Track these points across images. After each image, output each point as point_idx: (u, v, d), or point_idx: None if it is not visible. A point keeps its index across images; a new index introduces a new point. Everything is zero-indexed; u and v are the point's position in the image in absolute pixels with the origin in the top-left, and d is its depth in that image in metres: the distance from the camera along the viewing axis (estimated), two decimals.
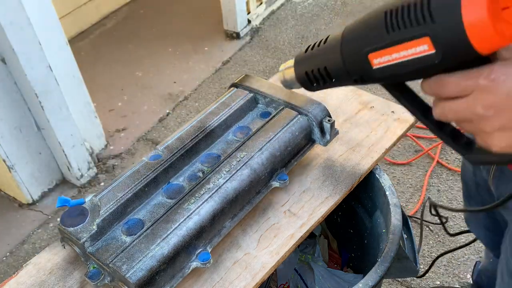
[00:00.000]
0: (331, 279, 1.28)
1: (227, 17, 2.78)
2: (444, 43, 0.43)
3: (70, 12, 2.88)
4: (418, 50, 0.44)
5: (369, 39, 0.49)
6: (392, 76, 0.50)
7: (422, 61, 0.45)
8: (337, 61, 0.54)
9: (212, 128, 0.94)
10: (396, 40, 0.46)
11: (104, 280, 0.77)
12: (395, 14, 0.45)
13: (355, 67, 0.53)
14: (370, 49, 0.49)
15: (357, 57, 0.51)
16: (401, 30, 0.45)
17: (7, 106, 1.77)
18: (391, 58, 0.47)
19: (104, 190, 0.83)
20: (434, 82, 0.47)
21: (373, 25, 0.48)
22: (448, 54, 0.43)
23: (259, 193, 0.88)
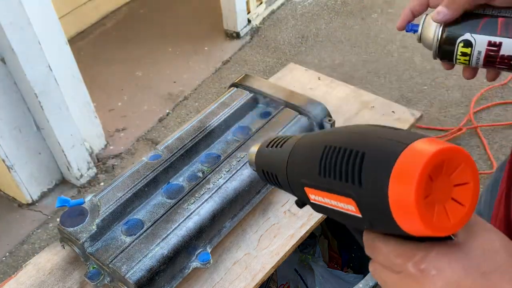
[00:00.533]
0: (331, 279, 1.28)
1: (227, 17, 2.78)
2: (370, 213, 0.36)
3: (69, 12, 2.88)
4: (347, 207, 0.38)
5: (305, 171, 0.43)
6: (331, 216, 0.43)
7: (352, 219, 0.39)
8: (283, 177, 0.48)
9: (212, 128, 0.94)
10: (326, 187, 0.40)
11: (103, 280, 0.76)
12: (330, 156, 0.39)
13: (297, 191, 0.46)
14: (305, 182, 0.43)
15: (297, 183, 0.45)
16: (331, 179, 0.38)
17: (6, 106, 1.77)
18: (324, 201, 0.41)
19: (104, 190, 0.83)
20: (369, 241, 0.40)
21: (311, 157, 0.41)
22: (376, 224, 0.37)
23: (259, 193, 0.88)
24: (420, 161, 0.32)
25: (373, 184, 0.35)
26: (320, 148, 0.40)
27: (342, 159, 0.37)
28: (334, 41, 2.75)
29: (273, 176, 0.50)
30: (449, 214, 0.34)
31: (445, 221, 0.34)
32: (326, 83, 1.18)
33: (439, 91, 2.34)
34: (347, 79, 2.43)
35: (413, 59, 2.56)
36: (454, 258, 0.34)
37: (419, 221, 0.32)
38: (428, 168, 0.32)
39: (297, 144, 0.46)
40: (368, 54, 2.63)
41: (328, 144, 0.39)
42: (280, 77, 1.21)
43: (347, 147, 0.37)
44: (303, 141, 0.45)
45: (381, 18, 2.88)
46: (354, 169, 0.36)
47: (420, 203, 0.32)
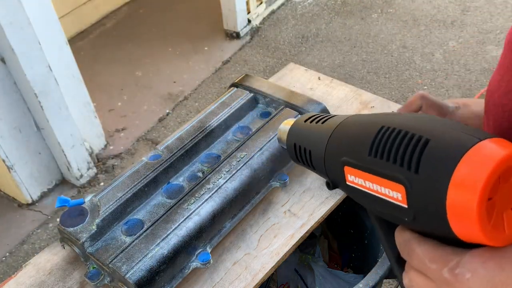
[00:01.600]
0: (332, 279, 1.28)
1: (227, 16, 2.78)
2: (418, 206, 0.34)
3: (69, 12, 2.88)
4: (391, 194, 0.36)
5: (351, 149, 0.40)
6: (364, 204, 0.41)
7: (393, 209, 0.36)
8: (320, 153, 0.45)
9: (212, 128, 0.94)
10: (373, 169, 0.37)
11: (103, 280, 0.76)
12: (387, 136, 0.36)
13: (332, 170, 0.44)
14: (347, 161, 0.40)
15: (335, 161, 0.42)
16: (383, 160, 0.36)
17: (6, 106, 1.77)
18: (365, 184, 0.39)
19: (104, 190, 0.83)
20: (403, 243, 0.38)
21: (362, 135, 0.39)
22: (421, 219, 0.34)
23: (259, 193, 0.88)
24: (490, 162, 0.30)
25: (432, 174, 0.32)
26: (374, 128, 0.38)
27: (401, 141, 0.35)
28: (334, 41, 2.75)
29: (306, 152, 0.48)
30: (505, 224, 0.31)
31: (500, 231, 0.31)
32: (326, 83, 1.18)
33: (439, 91, 2.34)
34: (347, 79, 2.43)
35: (413, 59, 2.56)
36: (487, 257, 0.33)
37: (477, 228, 0.30)
38: (497, 172, 0.30)
39: (345, 121, 0.44)
40: (368, 54, 2.62)
41: (386, 124, 0.37)
42: (280, 77, 1.21)
43: (409, 130, 0.35)
44: (352, 120, 0.43)
45: (381, 18, 2.88)
46: (413, 153, 0.34)
47: (482, 209, 0.30)
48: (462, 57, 2.53)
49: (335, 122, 0.45)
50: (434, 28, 2.74)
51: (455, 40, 2.65)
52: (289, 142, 0.52)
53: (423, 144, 0.33)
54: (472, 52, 2.56)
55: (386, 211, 0.38)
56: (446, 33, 2.70)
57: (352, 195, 0.42)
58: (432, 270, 0.35)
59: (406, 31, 2.75)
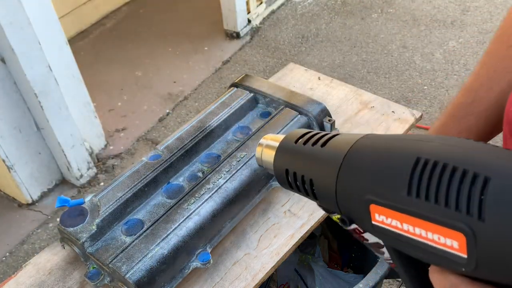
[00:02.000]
0: (332, 279, 1.28)
1: (227, 16, 2.78)
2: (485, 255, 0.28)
3: (69, 12, 2.88)
4: (443, 241, 0.30)
5: (379, 186, 0.33)
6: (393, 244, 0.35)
7: (443, 257, 0.30)
8: (328, 185, 0.37)
9: (212, 128, 0.94)
10: (416, 211, 0.31)
11: (103, 280, 0.76)
12: (429, 172, 0.30)
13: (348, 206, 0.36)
14: (375, 200, 0.33)
15: (355, 197, 0.35)
16: (429, 202, 0.30)
17: (6, 106, 1.77)
18: (401, 227, 0.32)
19: (104, 190, 0.83)
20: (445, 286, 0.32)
21: (393, 168, 0.32)
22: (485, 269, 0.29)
23: (259, 193, 0.88)
24: None
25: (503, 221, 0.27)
26: (409, 159, 0.31)
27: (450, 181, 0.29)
28: (334, 41, 2.75)
29: (305, 181, 0.40)
30: None
31: None
32: (326, 83, 1.18)
33: (439, 91, 2.35)
34: (347, 79, 2.43)
35: (413, 59, 2.56)
36: None
37: None
38: None
39: (358, 146, 0.36)
40: (368, 54, 2.63)
41: (424, 155, 0.31)
42: (280, 77, 1.21)
43: (458, 165, 0.29)
44: (369, 144, 0.36)
45: (381, 18, 2.88)
46: (471, 196, 0.28)
47: None
48: (462, 57, 2.53)
49: (343, 145, 0.37)
50: (434, 28, 2.74)
51: (455, 40, 2.65)
52: (278, 167, 0.43)
53: (482, 183, 0.28)
54: (472, 52, 2.56)
55: (432, 258, 0.32)
56: (446, 33, 2.70)
57: (379, 236, 0.35)
58: None
59: (406, 31, 2.75)
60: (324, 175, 0.38)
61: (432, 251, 0.31)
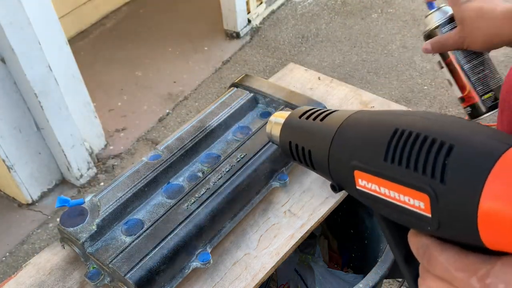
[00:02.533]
0: (331, 279, 1.28)
1: (227, 16, 2.78)
2: (444, 215, 0.32)
3: (69, 12, 2.88)
4: (412, 203, 0.34)
5: (362, 153, 0.37)
6: (376, 208, 0.39)
7: (413, 217, 0.34)
8: (323, 154, 0.42)
9: (212, 128, 0.94)
10: (391, 176, 0.35)
11: (103, 280, 0.76)
12: (404, 141, 0.34)
13: (338, 173, 0.41)
14: (358, 165, 0.38)
15: (343, 164, 0.40)
16: (401, 167, 0.34)
17: (6, 106, 1.77)
18: (379, 190, 0.36)
19: (104, 190, 0.83)
20: (422, 249, 0.36)
21: (374, 138, 0.36)
22: (446, 228, 0.32)
23: (259, 193, 0.88)
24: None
25: (461, 184, 0.30)
26: (388, 130, 0.35)
27: (421, 147, 0.33)
28: (334, 41, 2.75)
29: (305, 152, 0.45)
30: None
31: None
32: (326, 83, 1.18)
33: (439, 91, 2.35)
34: (347, 79, 2.43)
35: (413, 59, 2.56)
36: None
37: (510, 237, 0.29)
38: None
39: (349, 120, 0.41)
40: (368, 54, 2.63)
41: (401, 127, 0.35)
42: (280, 77, 1.21)
43: (428, 134, 0.33)
44: (358, 118, 0.40)
45: (381, 18, 2.88)
46: (436, 161, 0.32)
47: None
48: None
49: (337, 119, 0.42)
50: None
51: None
52: (283, 140, 0.49)
53: (446, 150, 0.31)
54: None
55: (404, 218, 0.36)
56: None
57: (362, 199, 0.39)
58: (459, 279, 0.33)
59: (406, 31, 2.75)
60: (320, 146, 0.42)
61: (404, 212, 0.35)
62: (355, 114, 0.41)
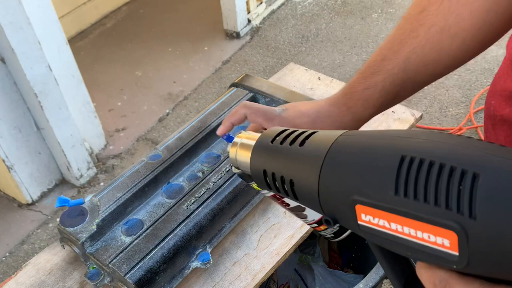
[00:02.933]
0: (332, 279, 1.28)
1: (227, 16, 2.78)
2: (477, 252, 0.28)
3: (69, 12, 2.88)
4: (433, 240, 0.29)
5: (365, 186, 0.32)
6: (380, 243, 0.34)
7: (434, 255, 0.30)
8: (310, 185, 0.36)
9: (212, 128, 0.94)
10: (405, 211, 0.30)
11: (103, 280, 0.76)
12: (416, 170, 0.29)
13: (333, 207, 0.35)
14: (361, 200, 0.32)
15: (339, 198, 0.34)
16: (418, 201, 0.29)
17: (6, 106, 1.77)
18: (389, 226, 0.31)
19: (104, 190, 0.83)
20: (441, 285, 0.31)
21: (378, 168, 0.31)
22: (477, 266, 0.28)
23: (259, 193, 0.88)
24: None
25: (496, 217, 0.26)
26: (393, 158, 0.30)
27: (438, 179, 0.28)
28: (334, 41, 2.75)
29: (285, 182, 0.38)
30: None
31: None
32: (326, 83, 1.18)
33: (439, 91, 2.34)
34: (347, 79, 2.43)
35: None
36: None
37: None
38: None
39: (339, 144, 0.35)
40: (368, 54, 2.62)
41: (408, 153, 0.30)
42: (280, 77, 1.21)
43: (445, 162, 0.28)
44: (350, 142, 0.34)
45: (381, 18, 2.88)
46: (460, 194, 0.27)
47: None
48: None
49: (323, 144, 0.35)
50: None
51: None
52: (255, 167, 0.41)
53: (471, 180, 0.27)
54: None
55: (422, 257, 0.31)
56: None
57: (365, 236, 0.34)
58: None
59: None
60: (306, 175, 0.36)
61: (422, 250, 0.30)
62: (344, 137, 0.35)
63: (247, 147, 0.43)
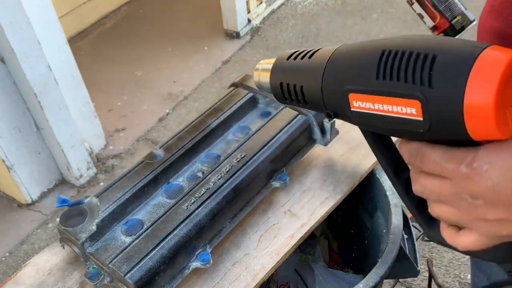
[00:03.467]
0: (332, 279, 1.27)
1: (227, 16, 2.78)
2: (435, 115, 0.37)
3: (69, 12, 2.88)
4: (404, 111, 0.39)
5: (355, 77, 0.42)
6: (369, 125, 0.44)
7: (406, 124, 0.39)
8: (315, 87, 0.47)
9: (212, 128, 0.93)
10: (383, 91, 0.39)
11: (103, 280, 0.76)
12: (392, 59, 0.39)
13: (332, 101, 0.46)
14: (352, 88, 0.42)
15: (337, 91, 0.44)
16: (393, 81, 0.39)
17: (6, 106, 1.77)
18: (373, 107, 0.41)
19: (104, 190, 0.83)
20: (415, 152, 0.41)
21: (365, 61, 0.41)
22: (437, 126, 0.37)
23: (259, 193, 0.88)
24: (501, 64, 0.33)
25: (447, 86, 0.35)
26: (376, 53, 0.40)
27: (408, 62, 0.38)
28: (334, 41, 2.75)
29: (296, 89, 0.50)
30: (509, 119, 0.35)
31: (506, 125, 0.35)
32: None
33: None
34: None
35: None
36: (501, 149, 0.36)
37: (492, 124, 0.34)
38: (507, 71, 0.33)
39: (337, 52, 0.46)
40: None
41: (388, 48, 0.40)
42: None
43: (413, 50, 0.38)
44: (345, 49, 0.45)
45: (381, 18, 2.88)
46: (423, 70, 0.37)
47: (498, 106, 0.33)
48: None
49: (325, 54, 0.47)
50: None
51: None
52: (274, 83, 0.53)
53: (431, 60, 0.36)
54: None
55: (398, 127, 0.40)
56: None
57: (357, 120, 0.44)
58: (449, 169, 0.38)
59: (407, 31, 2.75)
60: (312, 80, 0.47)
61: (397, 121, 0.40)
62: (341, 47, 0.46)
63: (267, 69, 0.55)
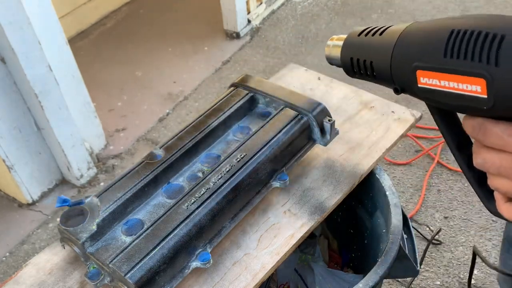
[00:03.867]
0: (331, 279, 1.28)
1: (227, 17, 2.78)
2: (499, 93, 0.39)
3: (69, 12, 2.88)
4: (470, 88, 0.41)
5: (424, 54, 0.45)
6: (435, 101, 0.47)
7: (470, 101, 0.42)
8: (385, 62, 0.50)
9: (212, 128, 0.94)
10: (451, 68, 0.42)
11: (104, 280, 0.76)
12: (461, 38, 0.41)
13: (400, 76, 0.49)
14: (420, 65, 0.45)
15: (405, 67, 0.47)
16: (460, 59, 0.41)
17: (6, 106, 1.77)
18: (440, 84, 0.44)
19: (104, 190, 0.83)
20: (478, 126, 0.43)
21: (434, 40, 0.44)
22: (500, 104, 0.40)
23: (259, 193, 0.88)
24: None
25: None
26: (445, 32, 0.43)
27: (476, 41, 0.40)
28: None
29: (366, 64, 0.53)
30: None
31: None
32: (326, 83, 1.18)
33: None
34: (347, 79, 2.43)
35: None
36: None
37: None
38: None
39: (407, 30, 0.48)
40: None
41: (457, 28, 0.42)
42: (280, 77, 1.21)
43: (482, 30, 0.40)
44: (415, 27, 0.48)
45: (381, 18, 2.88)
46: (490, 50, 0.39)
47: None
48: None
49: (395, 32, 0.50)
50: None
51: None
52: (345, 57, 0.57)
53: (499, 40, 0.39)
54: None
55: (463, 103, 0.43)
56: None
57: (423, 96, 0.47)
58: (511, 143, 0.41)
59: None
60: (382, 56, 0.51)
61: (463, 98, 0.42)
62: (411, 25, 0.49)
63: (338, 45, 0.59)
